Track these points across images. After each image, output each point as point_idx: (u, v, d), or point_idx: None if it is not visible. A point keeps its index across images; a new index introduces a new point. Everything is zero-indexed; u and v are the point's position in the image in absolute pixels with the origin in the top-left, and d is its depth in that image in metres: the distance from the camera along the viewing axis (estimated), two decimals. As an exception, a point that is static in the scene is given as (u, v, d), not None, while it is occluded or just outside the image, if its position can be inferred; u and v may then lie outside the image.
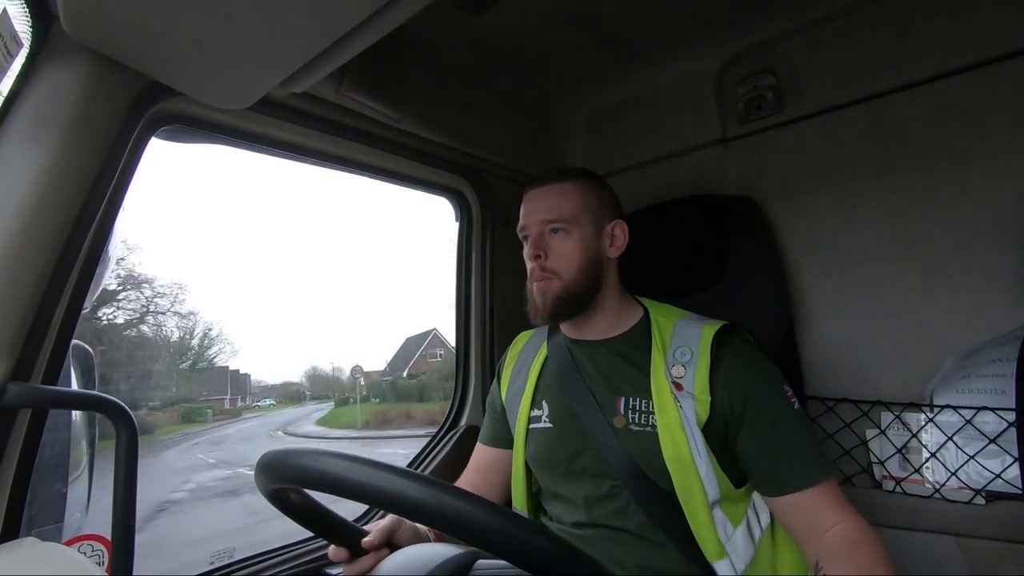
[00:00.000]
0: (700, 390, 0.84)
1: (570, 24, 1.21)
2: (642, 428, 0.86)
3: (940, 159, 1.12)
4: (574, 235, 0.93)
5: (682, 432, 0.82)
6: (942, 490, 1.06)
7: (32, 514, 0.74)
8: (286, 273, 61.66)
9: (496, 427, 1.10)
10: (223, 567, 0.99)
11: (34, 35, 0.69)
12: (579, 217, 0.93)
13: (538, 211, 0.95)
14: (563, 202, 0.94)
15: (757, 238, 1.27)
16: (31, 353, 0.69)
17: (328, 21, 0.65)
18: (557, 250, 0.93)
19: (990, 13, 1.05)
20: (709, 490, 0.81)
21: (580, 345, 0.99)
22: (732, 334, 0.89)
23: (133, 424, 0.69)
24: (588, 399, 0.92)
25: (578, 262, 0.92)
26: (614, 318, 0.97)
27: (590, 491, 0.90)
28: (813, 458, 0.81)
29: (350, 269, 67.95)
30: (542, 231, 0.94)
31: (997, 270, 1.06)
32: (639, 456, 0.85)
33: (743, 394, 0.83)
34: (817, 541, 0.78)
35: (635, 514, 0.86)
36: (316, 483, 0.46)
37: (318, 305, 68.38)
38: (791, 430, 0.82)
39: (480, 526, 0.40)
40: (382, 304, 71.39)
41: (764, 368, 0.86)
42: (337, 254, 66.50)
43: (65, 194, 0.70)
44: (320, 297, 70.15)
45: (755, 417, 0.82)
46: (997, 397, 1.03)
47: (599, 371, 0.94)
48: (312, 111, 1.04)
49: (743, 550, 0.82)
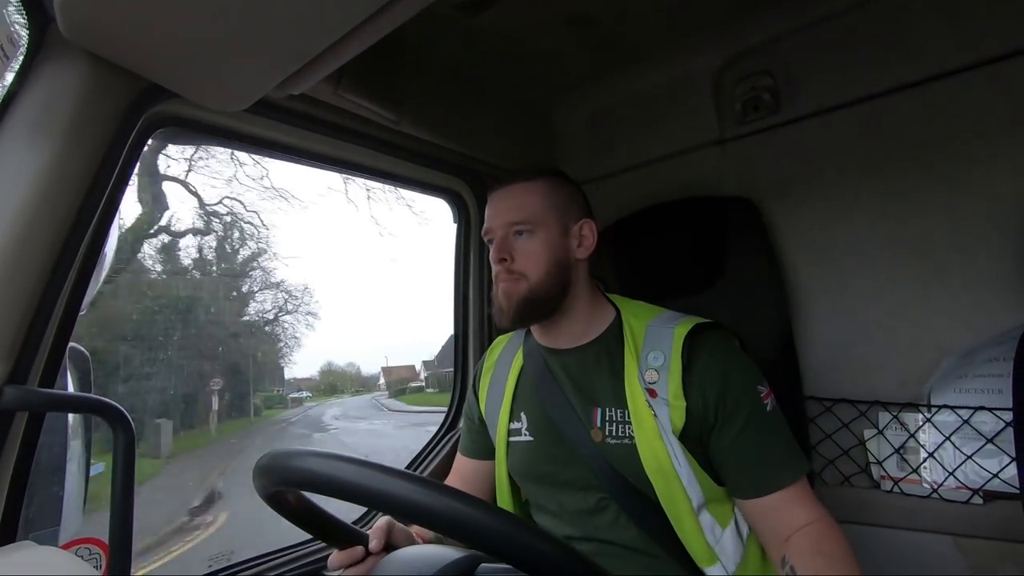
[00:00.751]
0: (674, 395, 0.82)
1: (568, 26, 1.21)
2: (620, 441, 0.84)
3: (938, 159, 1.12)
4: (539, 236, 0.90)
5: (660, 441, 0.81)
6: (940, 490, 1.06)
7: (29, 517, 0.73)
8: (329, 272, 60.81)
9: (475, 438, 1.08)
10: (224, 569, 0.99)
11: (31, 37, 0.68)
12: (543, 217, 0.90)
13: (501, 212, 0.92)
14: (526, 202, 0.91)
15: (755, 239, 1.28)
16: (28, 356, 0.68)
17: (326, 23, 0.65)
18: (522, 251, 0.90)
19: (987, 14, 1.06)
20: (692, 496, 0.80)
21: (554, 354, 0.96)
22: (705, 333, 0.86)
23: (130, 427, 0.69)
24: (567, 410, 0.89)
25: (545, 263, 0.89)
26: (585, 323, 0.94)
27: (579, 505, 0.88)
28: (782, 461, 0.80)
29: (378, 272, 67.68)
30: (507, 234, 0.91)
31: (994, 270, 1.06)
32: (622, 467, 0.83)
33: (715, 396, 0.81)
34: (783, 541, 0.77)
35: (626, 527, 0.84)
36: (317, 486, 0.46)
37: (354, 305, 68.05)
38: (760, 433, 0.81)
39: (481, 529, 0.40)
40: (415, 303, 71.14)
41: (737, 367, 0.84)
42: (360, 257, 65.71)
43: (62, 196, 0.69)
44: (354, 297, 69.73)
45: (726, 420, 0.81)
46: (994, 397, 1.03)
47: (574, 381, 0.91)
48: (310, 113, 1.04)
49: (732, 551, 0.82)
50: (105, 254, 0.80)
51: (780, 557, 0.76)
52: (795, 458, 0.81)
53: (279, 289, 16.36)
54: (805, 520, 0.77)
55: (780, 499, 0.78)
